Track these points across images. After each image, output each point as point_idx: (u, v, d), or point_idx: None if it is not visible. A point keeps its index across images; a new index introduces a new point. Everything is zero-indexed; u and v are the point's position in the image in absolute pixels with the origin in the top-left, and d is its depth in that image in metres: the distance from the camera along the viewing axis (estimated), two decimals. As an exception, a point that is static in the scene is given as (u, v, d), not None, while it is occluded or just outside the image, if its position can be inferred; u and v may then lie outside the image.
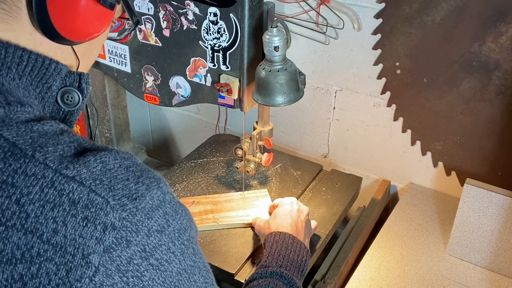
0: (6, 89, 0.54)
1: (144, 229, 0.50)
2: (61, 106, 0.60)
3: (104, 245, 0.48)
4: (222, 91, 1.14)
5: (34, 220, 0.47)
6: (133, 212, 0.50)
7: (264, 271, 0.92)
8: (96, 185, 0.49)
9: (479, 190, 1.08)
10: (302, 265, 0.96)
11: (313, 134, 1.51)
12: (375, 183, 1.48)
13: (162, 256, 0.51)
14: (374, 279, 1.11)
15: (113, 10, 0.62)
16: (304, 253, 0.98)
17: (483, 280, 1.12)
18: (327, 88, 1.41)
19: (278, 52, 1.03)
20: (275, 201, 1.15)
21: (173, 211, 0.53)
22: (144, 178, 0.52)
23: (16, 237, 0.47)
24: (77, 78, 0.61)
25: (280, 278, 0.91)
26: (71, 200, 0.48)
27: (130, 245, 0.49)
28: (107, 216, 0.48)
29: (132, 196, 0.50)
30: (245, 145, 1.24)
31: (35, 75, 0.57)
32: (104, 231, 0.48)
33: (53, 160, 0.49)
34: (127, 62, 1.29)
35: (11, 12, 0.55)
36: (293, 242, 0.98)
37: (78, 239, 0.47)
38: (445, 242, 1.20)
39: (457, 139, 1.26)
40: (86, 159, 0.50)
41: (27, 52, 0.56)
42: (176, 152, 1.94)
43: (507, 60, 1.11)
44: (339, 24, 1.28)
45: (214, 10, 1.09)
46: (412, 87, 1.26)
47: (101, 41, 0.67)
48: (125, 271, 0.49)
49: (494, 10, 1.08)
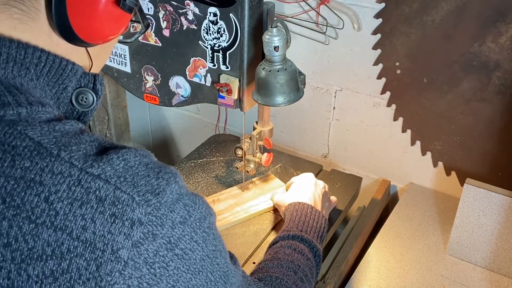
0: (26, 89, 0.55)
1: (168, 222, 0.52)
2: (75, 107, 0.62)
3: (133, 240, 0.50)
4: (222, 91, 1.14)
5: (63, 218, 0.49)
6: (157, 206, 0.52)
7: (286, 234, 0.98)
8: (121, 183, 0.51)
9: (479, 190, 1.08)
10: (321, 231, 1.02)
11: (313, 134, 1.51)
12: (375, 183, 1.48)
13: (186, 246, 0.54)
14: (374, 279, 1.11)
15: (131, 13, 0.63)
16: (323, 221, 1.04)
17: (483, 280, 1.12)
18: (327, 88, 1.41)
19: (278, 52, 1.03)
20: (292, 179, 1.21)
21: (191, 202, 0.56)
22: (163, 173, 0.54)
23: (46, 234, 0.48)
24: (92, 79, 0.62)
25: (301, 241, 0.97)
26: (98, 197, 0.50)
27: (156, 238, 0.51)
28: (133, 212, 0.50)
29: (155, 191, 0.52)
30: (245, 145, 1.24)
31: (52, 75, 0.58)
32: (131, 227, 0.50)
33: (78, 158, 0.51)
34: (127, 62, 1.29)
35: (30, 13, 0.56)
36: (312, 211, 1.05)
37: (107, 235, 0.49)
38: (445, 242, 1.20)
39: (457, 139, 1.26)
40: (109, 157, 0.52)
41: (45, 53, 0.57)
42: (176, 152, 1.94)
43: (507, 60, 1.11)
44: (339, 24, 1.28)
45: (214, 10, 1.09)
46: (412, 87, 1.26)
47: (113, 43, 0.68)
48: (152, 263, 0.51)
49: (494, 10, 1.08)
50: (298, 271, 0.89)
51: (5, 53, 0.54)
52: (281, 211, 1.15)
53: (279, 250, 0.94)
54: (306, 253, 0.94)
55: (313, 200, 1.09)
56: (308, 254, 0.95)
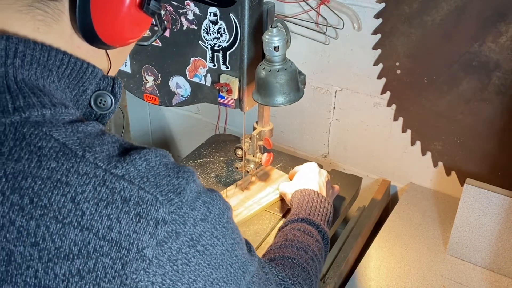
0: (48, 91, 0.56)
1: (190, 220, 0.54)
2: (93, 109, 0.62)
3: (157, 239, 0.51)
4: (222, 91, 1.14)
5: (89, 218, 0.50)
6: (179, 205, 0.53)
7: (295, 218, 1.03)
8: (144, 183, 0.52)
9: (479, 190, 1.08)
10: (328, 215, 1.07)
11: (313, 134, 1.51)
12: (375, 183, 1.48)
13: (207, 242, 0.56)
14: (374, 279, 1.11)
15: (153, 17, 0.63)
16: (329, 206, 1.09)
17: (483, 280, 1.12)
18: (327, 88, 1.41)
19: (278, 52, 1.03)
20: (295, 168, 1.25)
21: (210, 198, 0.57)
22: (182, 172, 0.55)
23: (73, 234, 0.49)
24: (111, 82, 0.63)
25: (310, 223, 1.01)
26: (123, 198, 0.51)
27: (179, 237, 0.53)
28: (157, 211, 0.52)
29: (176, 190, 0.54)
30: (245, 145, 1.24)
31: (73, 78, 0.59)
32: (156, 226, 0.51)
33: (102, 159, 0.52)
34: (127, 62, 1.29)
35: (53, 15, 0.56)
36: (318, 196, 1.10)
37: (132, 235, 0.50)
38: (445, 242, 1.20)
39: (457, 139, 1.26)
40: (132, 158, 0.53)
41: (67, 55, 0.57)
42: (176, 152, 1.94)
43: (507, 60, 1.11)
44: (339, 24, 1.28)
45: (214, 10, 1.09)
46: (412, 87, 1.26)
47: (132, 46, 0.68)
48: (175, 260, 0.53)
49: (494, 10, 1.08)
50: (308, 251, 0.93)
51: (30, 55, 0.54)
52: (287, 200, 1.19)
53: (289, 232, 0.98)
54: (315, 234, 0.99)
55: (318, 187, 1.13)
56: (317, 236, 0.99)
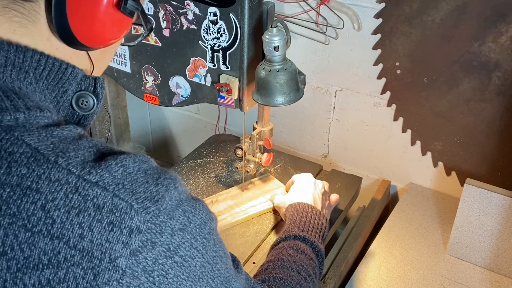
0: (24, 93, 0.54)
1: (167, 229, 0.51)
2: (75, 110, 0.61)
3: (131, 249, 0.49)
4: (222, 91, 1.14)
5: (60, 226, 0.48)
6: (156, 214, 0.51)
7: (288, 235, 0.98)
8: (119, 190, 0.50)
9: (479, 190, 1.08)
10: (323, 230, 1.03)
11: (313, 134, 1.51)
12: (375, 183, 1.48)
13: (185, 253, 0.53)
14: (374, 279, 1.11)
15: (132, 17, 0.62)
16: (324, 220, 1.05)
17: (483, 280, 1.12)
18: (327, 88, 1.41)
19: (278, 52, 1.03)
20: (293, 178, 1.22)
21: (191, 207, 0.55)
22: (162, 179, 0.53)
23: (43, 243, 0.48)
24: (93, 82, 0.61)
25: (303, 240, 0.97)
26: (96, 205, 0.49)
27: (155, 246, 0.50)
28: (132, 220, 0.49)
29: (154, 198, 0.51)
30: (245, 145, 1.24)
31: (51, 79, 0.57)
32: (130, 235, 0.49)
33: (76, 165, 0.50)
34: (127, 62, 1.29)
35: (29, 16, 0.55)
36: (312, 210, 1.05)
37: (104, 244, 0.48)
38: (445, 242, 1.20)
39: (457, 139, 1.26)
40: (107, 164, 0.51)
41: (44, 56, 0.56)
42: (176, 152, 1.94)
43: (507, 60, 1.11)
44: (339, 24, 1.28)
45: (214, 10, 1.09)
46: (412, 87, 1.26)
47: (115, 47, 0.67)
48: (151, 271, 0.50)
49: (494, 10, 1.08)
50: (301, 271, 0.89)
51: (3, 57, 0.53)
52: (281, 213, 1.15)
53: (281, 251, 0.94)
54: (309, 253, 0.94)
55: (313, 200, 1.09)
56: (311, 254, 0.94)
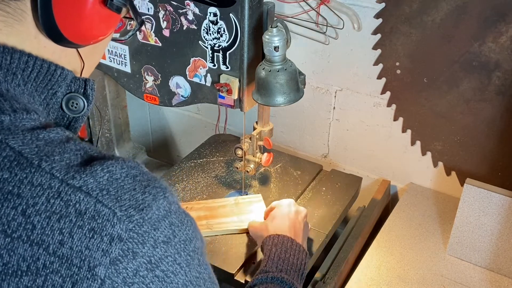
0: (12, 95, 0.53)
1: (150, 240, 0.50)
2: (65, 113, 0.60)
3: (111, 257, 0.47)
4: (222, 91, 1.14)
5: (40, 232, 0.47)
6: (139, 223, 0.49)
7: (265, 276, 0.91)
8: (103, 196, 0.49)
9: (479, 190, 1.08)
10: (302, 268, 0.95)
11: (313, 134, 1.51)
12: (375, 183, 1.48)
13: (168, 268, 0.51)
14: (374, 279, 1.11)
15: (120, 13, 0.61)
16: (303, 256, 0.97)
17: (483, 280, 1.12)
18: (327, 88, 1.41)
19: (278, 52, 1.03)
20: (272, 204, 1.12)
21: (179, 221, 0.53)
22: (150, 188, 0.51)
23: (22, 249, 0.47)
24: (83, 84, 0.60)
25: (281, 283, 0.90)
26: (78, 211, 0.47)
27: (136, 257, 0.49)
28: (113, 227, 0.48)
29: (139, 206, 0.50)
30: (245, 145, 1.24)
31: (40, 81, 0.56)
32: (110, 243, 0.48)
33: (60, 169, 0.49)
34: (127, 62, 1.29)
35: (15, 15, 0.54)
36: (292, 245, 0.97)
37: (84, 251, 0.47)
38: (445, 242, 1.20)
39: (457, 139, 1.26)
40: (93, 169, 0.50)
41: (32, 57, 0.55)
42: (176, 152, 1.94)
43: (507, 60, 1.11)
44: (339, 24, 1.28)
45: (214, 10, 1.09)
46: (412, 87, 1.26)
47: (105, 43, 0.66)
48: (131, 283, 0.49)
49: (494, 10, 1.08)
50: None
51: None
52: (258, 242, 1.07)
53: None
54: None
55: (294, 231, 1.00)
56: None
